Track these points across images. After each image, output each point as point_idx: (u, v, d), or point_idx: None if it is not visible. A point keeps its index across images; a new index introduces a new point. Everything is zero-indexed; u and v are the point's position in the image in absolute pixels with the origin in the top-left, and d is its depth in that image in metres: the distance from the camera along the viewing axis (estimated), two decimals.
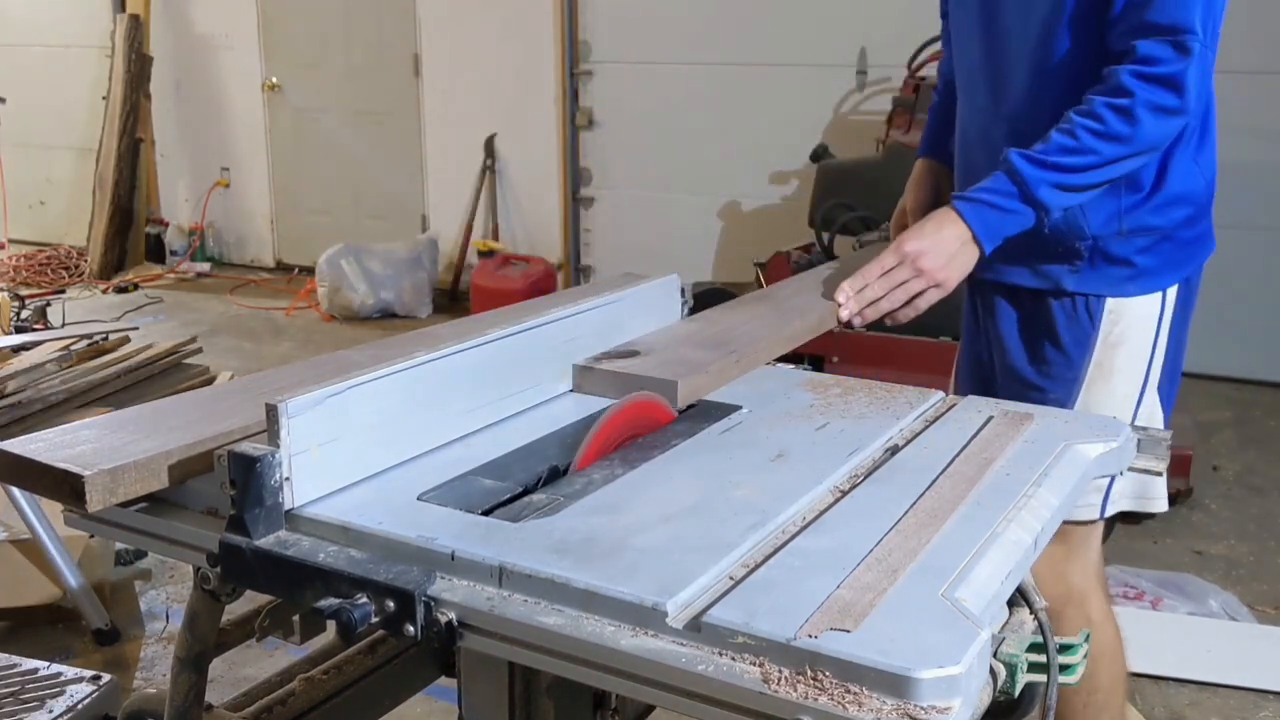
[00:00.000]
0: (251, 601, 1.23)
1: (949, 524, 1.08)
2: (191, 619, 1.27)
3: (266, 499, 1.06)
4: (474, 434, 1.31)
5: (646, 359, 1.49)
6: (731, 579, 0.98)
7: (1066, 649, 1.13)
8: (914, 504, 1.13)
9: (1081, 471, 1.28)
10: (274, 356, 5.59)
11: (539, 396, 1.43)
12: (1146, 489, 1.91)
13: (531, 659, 0.95)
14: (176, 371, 4.16)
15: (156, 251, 7.46)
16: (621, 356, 1.49)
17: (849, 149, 5.30)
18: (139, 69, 7.16)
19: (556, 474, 1.22)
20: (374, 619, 0.98)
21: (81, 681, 2.43)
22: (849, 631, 0.87)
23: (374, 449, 1.19)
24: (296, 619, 1.26)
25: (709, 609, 0.91)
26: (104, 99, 7.25)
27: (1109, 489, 1.84)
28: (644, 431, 1.32)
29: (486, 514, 1.11)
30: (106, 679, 2.45)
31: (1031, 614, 1.17)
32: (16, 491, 2.79)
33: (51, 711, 2.33)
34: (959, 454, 1.27)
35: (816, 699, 0.83)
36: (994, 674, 1.05)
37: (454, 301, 6.54)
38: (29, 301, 5.44)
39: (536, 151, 6.41)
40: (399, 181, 6.91)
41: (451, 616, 0.97)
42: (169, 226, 7.54)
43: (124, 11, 7.25)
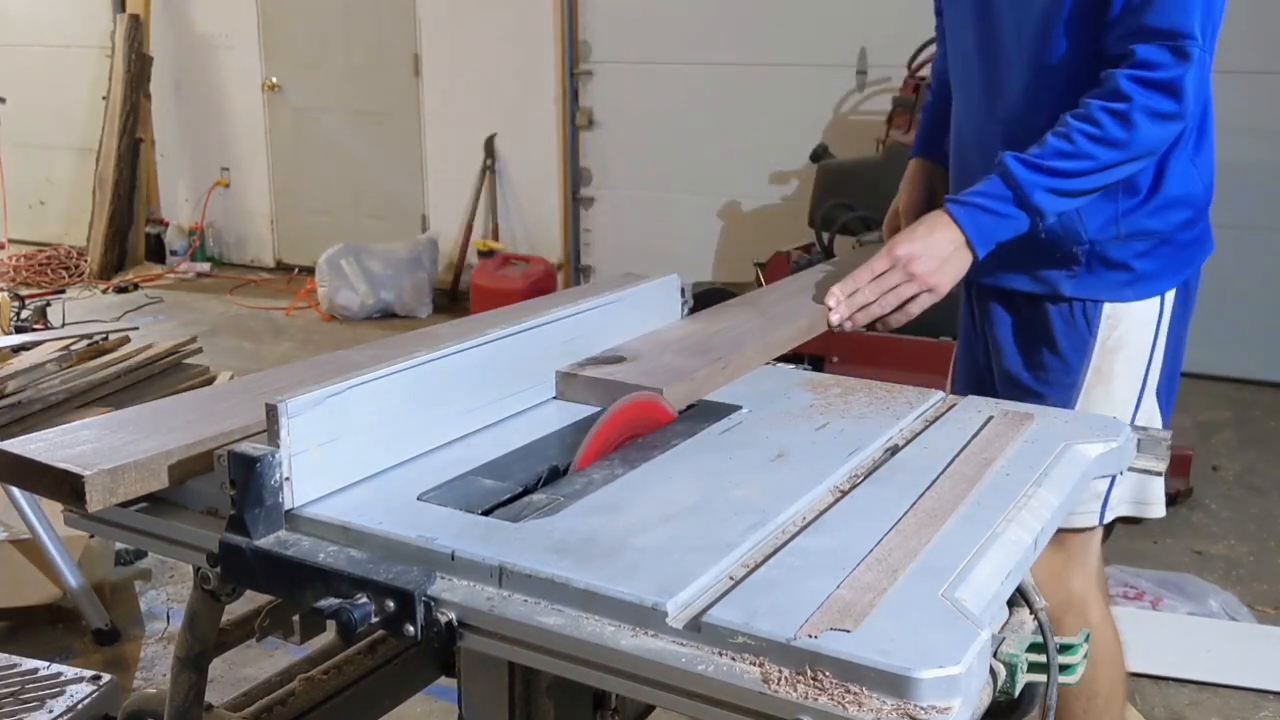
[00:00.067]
0: (251, 601, 1.23)
1: (949, 524, 1.08)
2: (191, 619, 1.27)
3: (266, 499, 1.06)
4: (474, 434, 1.31)
5: (631, 365, 1.46)
6: (731, 579, 0.98)
7: (1066, 649, 1.13)
8: (914, 504, 1.13)
9: (1081, 471, 1.28)
10: (274, 356, 5.59)
11: (539, 396, 1.42)
12: (1145, 494, 1.88)
13: (531, 659, 0.95)
14: (176, 371, 4.16)
15: (156, 251, 7.46)
16: (606, 362, 1.46)
17: (849, 149, 5.30)
18: (139, 69, 7.16)
19: (556, 474, 1.22)
20: (374, 619, 0.98)
21: (81, 681, 2.43)
22: (849, 631, 0.87)
23: (374, 449, 1.19)
24: (296, 619, 1.26)
25: (709, 609, 0.91)
26: (104, 99, 7.25)
27: (1107, 495, 1.82)
28: (644, 431, 1.32)
29: (486, 514, 1.11)
30: (106, 679, 2.45)
31: (1031, 614, 1.17)
32: (16, 491, 2.79)
33: (51, 711, 2.33)
34: (959, 454, 1.27)
35: (816, 699, 0.83)
36: (994, 674, 1.05)
37: (454, 301, 6.54)
38: (29, 301, 5.44)
39: (536, 151, 6.41)
40: (399, 181, 6.91)
41: (451, 616, 0.97)
42: (169, 226, 7.54)
43: (124, 11, 7.25)
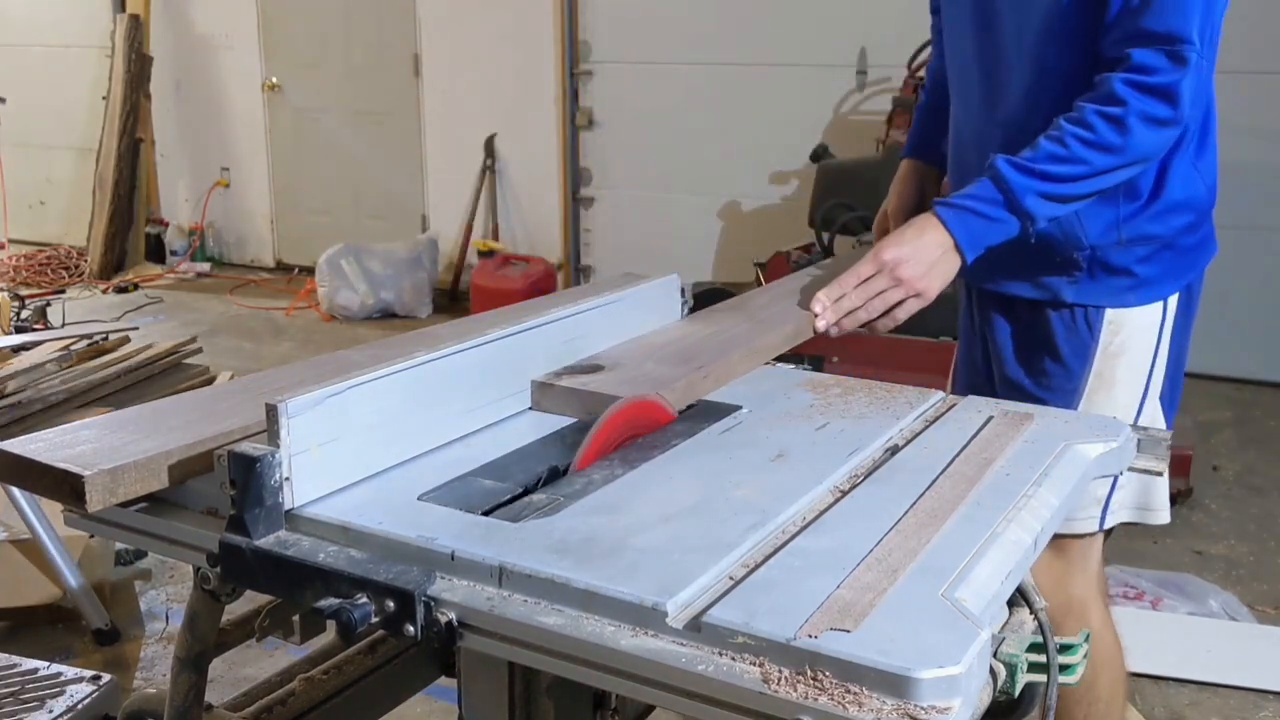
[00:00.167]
0: (251, 601, 1.23)
1: (949, 524, 1.08)
2: (191, 619, 1.27)
3: (266, 499, 1.06)
4: (474, 434, 1.31)
5: (609, 375, 1.42)
6: (731, 579, 0.98)
7: (1066, 649, 1.13)
8: (914, 504, 1.13)
9: (1082, 472, 1.28)
10: (274, 356, 5.59)
11: None
12: (1148, 500, 1.85)
13: (531, 659, 0.95)
14: (176, 371, 4.17)
15: (156, 251, 7.46)
16: (584, 371, 1.44)
17: (849, 149, 5.30)
18: (139, 69, 7.16)
19: (556, 474, 1.22)
20: (374, 619, 0.98)
21: (81, 681, 2.43)
22: (849, 631, 0.87)
23: (374, 449, 1.19)
24: (296, 619, 1.26)
25: (709, 609, 0.91)
26: (104, 99, 7.25)
27: (1107, 500, 1.80)
28: (644, 431, 1.32)
29: (486, 514, 1.11)
30: (106, 679, 2.45)
31: (1031, 614, 1.17)
32: (16, 491, 2.79)
33: (51, 711, 2.33)
34: (959, 454, 1.27)
35: (816, 699, 0.83)
36: (994, 674, 1.05)
37: (454, 301, 6.54)
38: (29, 301, 5.44)
39: (536, 151, 6.41)
40: (399, 181, 6.91)
41: (451, 616, 0.97)
42: (169, 226, 7.54)
43: (124, 11, 7.25)
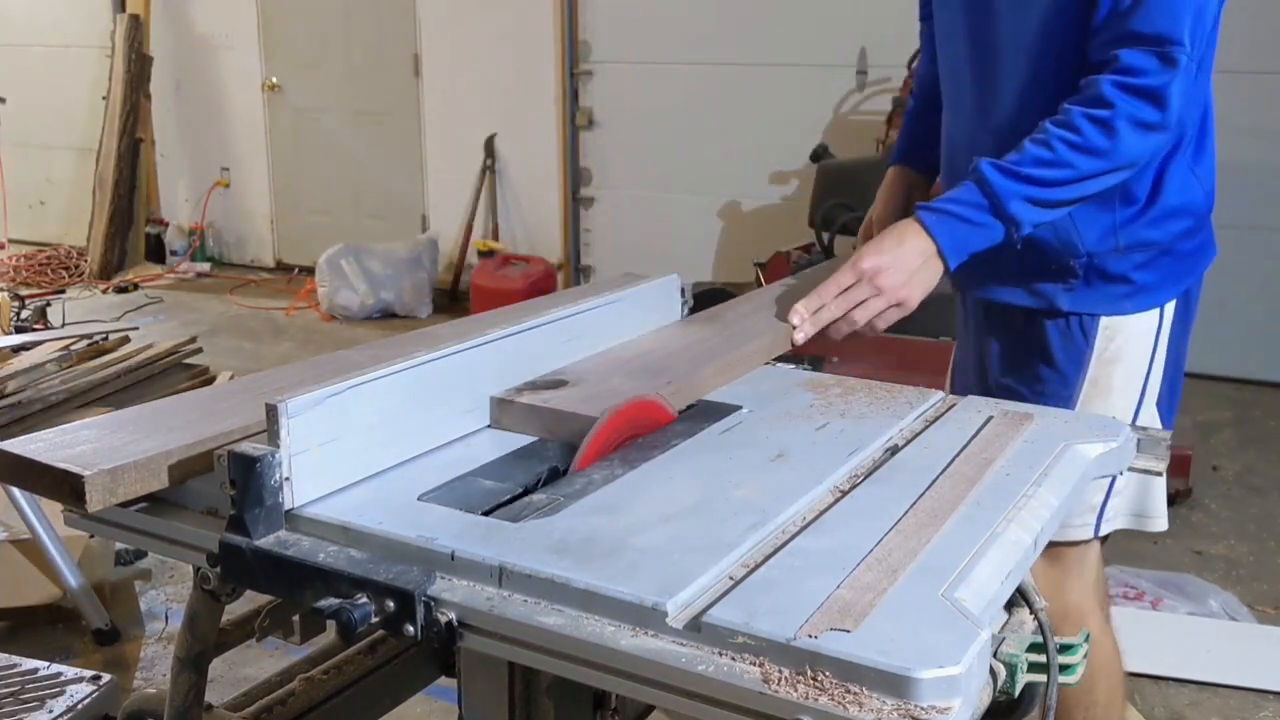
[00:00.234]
0: (251, 601, 1.23)
1: (949, 524, 1.08)
2: (191, 619, 1.27)
3: (266, 499, 1.06)
4: (474, 434, 1.31)
5: (572, 390, 1.37)
6: (731, 579, 0.98)
7: (1066, 649, 1.13)
8: (914, 504, 1.13)
9: (1081, 471, 1.28)
10: (274, 356, 5.59)
11: None
12: (1145, 507, 1.83)
13: (531, 659, 0.95)
14: (176, 371, 4.17)
15: (156, 251, 7.46)
16: (546, 387, 1.38)
17: (849, 149, 5.30)
18: (139, 69, 7.16)
19: (556, 474, 1.22)
20: (374, 619, 0.98)
21: (81, 681, 2.43)
22: (849, 631, 0.87)
23: (374, 449, 1.19)
24: (296, 619, 1.26)
25: (709, 609, 0.91)
26: (104, 99, 7.24)
27: (1102, 507, 1.77)
28: (644, 431, 1.32)
29: (486, 514, 1.11)
30: (106, 679, 2.45)
31: (1031, 614, 1.17)
32: (16, 491, 2.79)
33: (51, 711, 2.33)
34: (959, 454, 1.27)
35: (817, 699, 0.83)
36: (994, 674, 1.05)
37: (454, 301, 6.54)
38: (29, 301, 5.44)
39: (536, 151, 6.41)
40: (399, 181, 6.91)
41: (451, 616, 0.97)
42: (169, 226, 7.54)
43: (124, 11, 7.25)
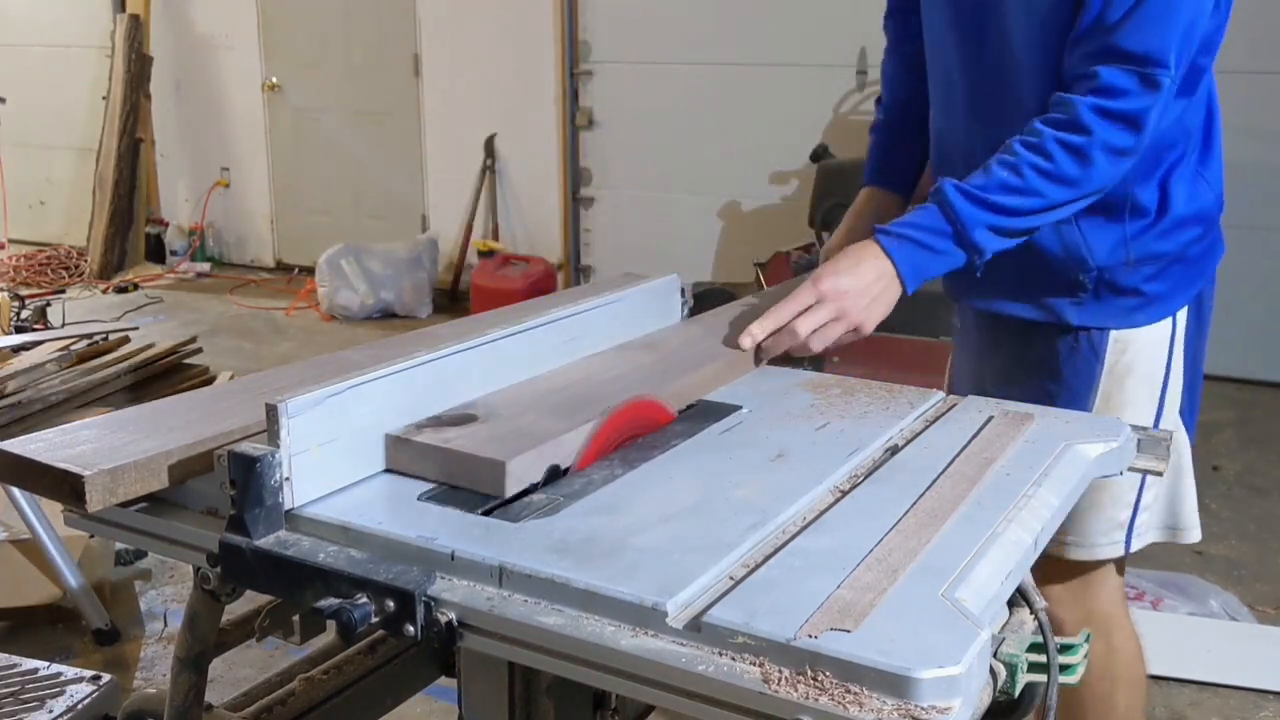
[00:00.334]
0: (251, 601, 1.22)
1: (949, 524, 1.08)
2: (191, 619, 1.27)
3: (266, 499, 1.05)
4: None
5: (480, 428, 1.23)
6: (731, 579, 0.98)
7: (1067, 649, 1.13)
8: (914, 504, 1.13)
9: (1082, 472, 1.28)
10: (274, 356, 5.59)
11: None
12: (1177, 519, 1.75)
13: (531, 659, 0.95)
14: (176, 371, 4.16)
15: (156, 251, 7.46)
16: (452, 423, 1.23)
17: (849, 149, 5.29)
18: (139, 69, 7.16)
19: (556, 474, 1.22)
20: (374, 619, 0.98)
21: (81, 681, 2.43)
22: (849, 631, 0.87)
23: (374, 449, 1.19)
24: (296, 619, 1.26)
25: (709, 609, 0.91)
26: (104, 99, 7.24)
27: (1132, 523, 1.71)
28: (644, 431, 1.32)
29: (486, 514, 1.10)
30: (106, 679, 2.45)
31: (1031, 614, 1.17)
32: (16, 491, 2.79)
33: (51, 711, 2.33)
34: (959, 454, 1.27)
35: (817, 699, 0.83)
36: (994, 674, 1.05)
37: (454, 301, 6.53)
38: (29, 301, 5.44)
39: (536, 151, 6.41)
40: (399, 181, 6.90)
41: (451, 616, 0.97)
42: (169, 226, 7.54)
43: (124, 11, 7.25)
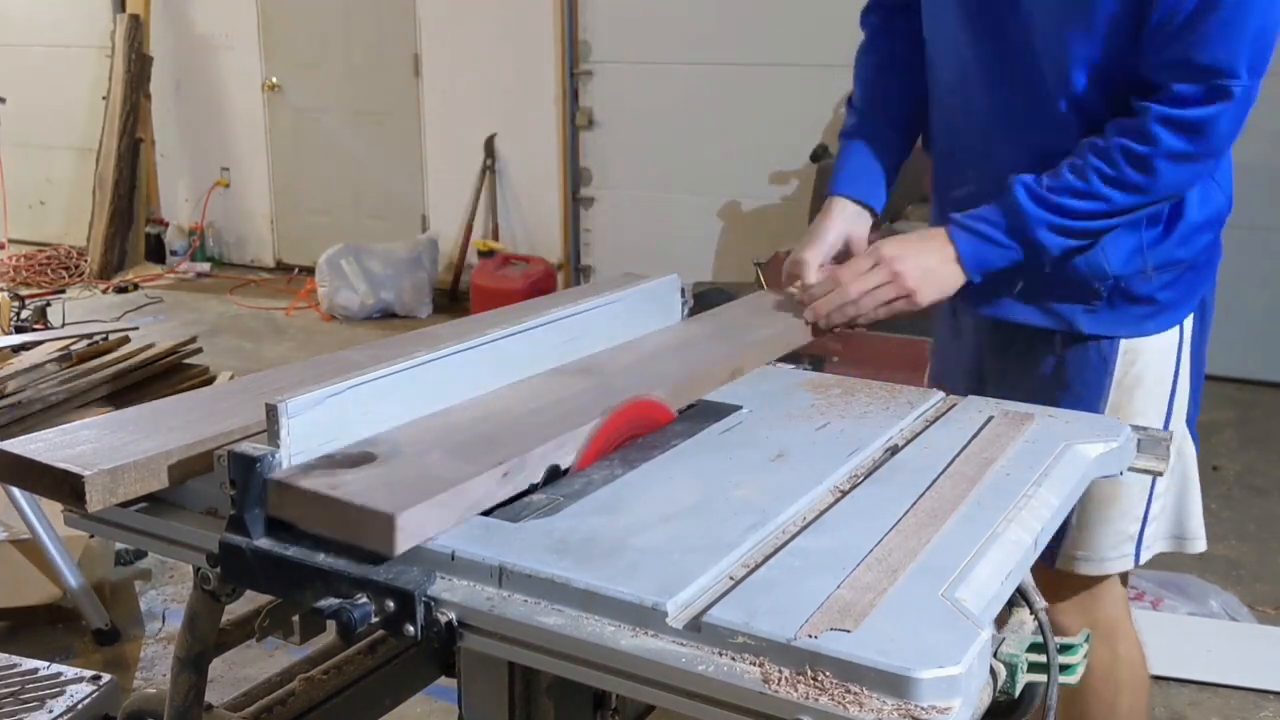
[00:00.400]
0: (251, 601, 1.22)
1: (949, 524, 1.08)
2: (191, 619, 1.27)
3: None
4: None
5: (375, 471, 1.08)
6: (731, 579, 0.97)
7: (1067, 649, 1.13)
8: (914, 504, 1.13)
9: (1082, 472, 1.28)
10: (274, 356, 5.59)
11: None
12: (1184, 529, 1.76)
13: (531, 659, 0.95)
14: (176, 371, 4.16)
15: (156, 251, 7.46)
16: (345, 465, 1.09)
17: None
18: (139, 69, 7.16)
19: (556, 474, 1.22)
20: (374, 619, 0.98)
21: (81, 681, 2.43)
22: (849, 631, 0.87)
23: None
24: (296, 619, 1.26)
25: (709, 609, 0.91)
26: (104, 99, 7.25)
27: (1140, 534, 1.71)
28: (644, 431, 1.32)
29: (486, 514, 1.10)
30: (106, 679, 2.45)
31: (1031, 614, 1.17)
32: (16, 491, 2.79)
33: (51, 711, 2.33)
34: (959, 454, 1.26)
35: (817, 699, 0.83)
36: (994, 674, 1.05)
37: (454, 301, 6.54)
38: (29, 301, 5.44)
39: (536, 151, 6.41)
40: (399, 181, 6.90)
41: (451, 616, 0.96)
42: (169, 226, 7.54)
43: (124, 11, 7.25)
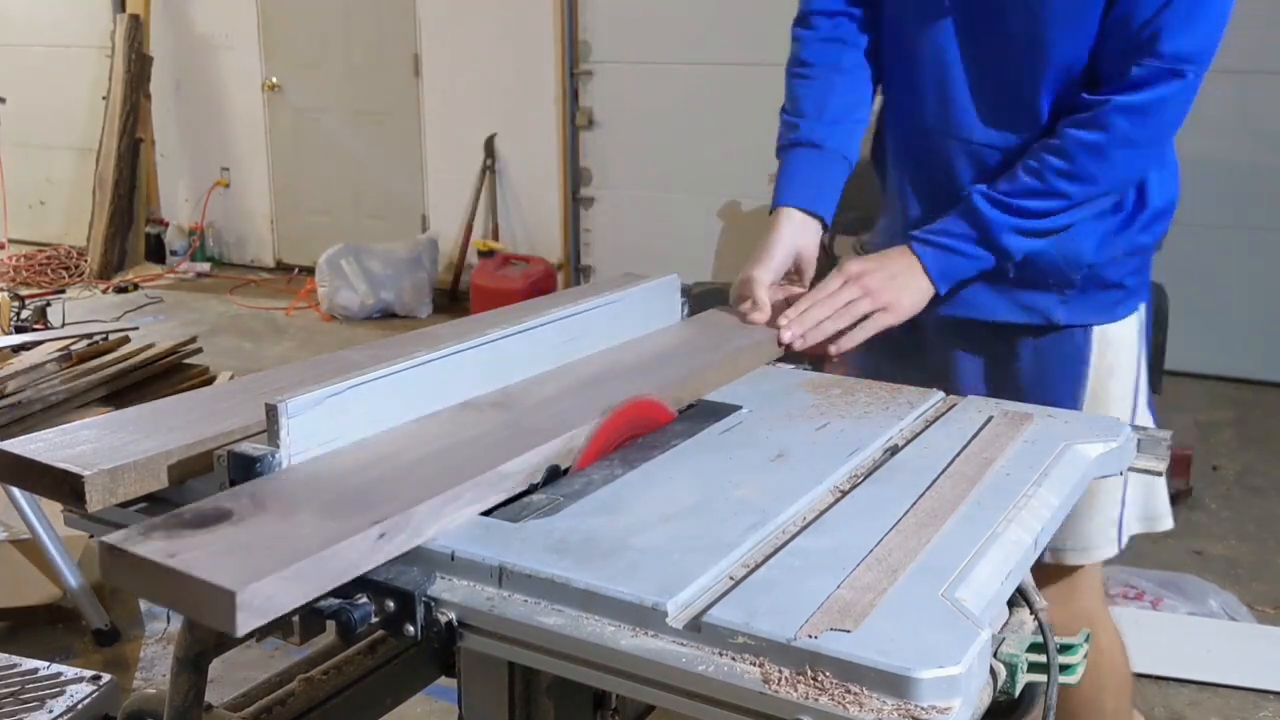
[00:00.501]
0: None
1: (949, 524, 1.08)
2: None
3: None
4: None
5: (226, 532, 0.95)
6: (731, 579, 0.97)
7: (1066, 649, 1.13)
8: (914, 504, 1.13)
9: (1082, 472, 1.28)
10: (274, 356, 5.59)
11: None
12: (1152, 509, 1.80)
13: (531, 659, 0.95)
14: (176, 372, 4.16)
15: (156, 251, 7.46)
16: (194, 524, 0.96)
17: None
18: (139, 69, 7.16)
19: (556, 474, 1.22)
20: (374, 619, 0.98)
21: (81, 681, 2.43)
22: (849, 631, 0.87)
23: None
24: (296, 619, 1.26)
25: (709, 609, 0.91)
26: (104, 99, 7.25)
27: (1120, 519, 1.74)
28: (644, 431, 1.32)
29: (486, 514, 1.10)
30: (106, 679, 2.45)
31: (1031, 614, 1.17)
32: (16, 491, 2.79)
33: (51, 711, 2.33)
34: (959, 454, 1.26)
35: (817, 699, 0.83)
36: (994, 674, 1.05)
37: (454, 301, 6.54)
38: (29, 301, 5.44)
39: (536, 151, 6.41)
40: (399, 181, 6.91)
41: (451, 616, 0.96)
42: (169, 226, 7.54)
43: (124, 11, 7.25)
